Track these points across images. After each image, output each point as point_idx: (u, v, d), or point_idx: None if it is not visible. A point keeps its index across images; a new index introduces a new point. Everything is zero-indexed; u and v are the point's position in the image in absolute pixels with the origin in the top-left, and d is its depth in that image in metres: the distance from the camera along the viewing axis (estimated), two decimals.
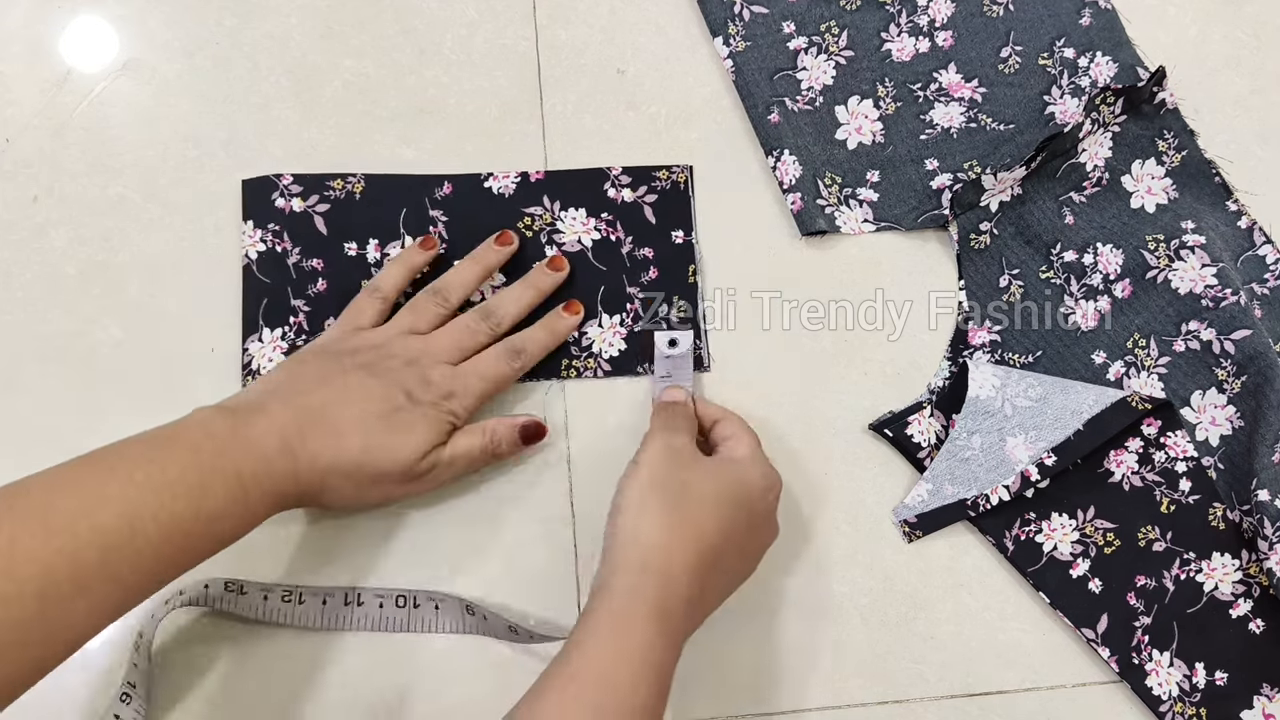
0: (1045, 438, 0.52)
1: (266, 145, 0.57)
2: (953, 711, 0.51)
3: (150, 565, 0.39)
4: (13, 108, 0.57)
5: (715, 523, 0.44)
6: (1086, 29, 0.60)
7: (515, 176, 0.57)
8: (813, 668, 0.51)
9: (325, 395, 0.46)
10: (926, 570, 0.53)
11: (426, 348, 0.50)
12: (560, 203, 0.56)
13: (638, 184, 0.57)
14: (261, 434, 0.43)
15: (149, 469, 0.40)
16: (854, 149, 0.59)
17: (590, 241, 0.56)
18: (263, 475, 0.42)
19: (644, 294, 0.55)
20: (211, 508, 0.41)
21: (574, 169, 0.57)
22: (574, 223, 0.56)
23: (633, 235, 0.56)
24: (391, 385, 0.47)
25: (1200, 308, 0.55)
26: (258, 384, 0.47)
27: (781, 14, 0.60)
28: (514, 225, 0.56)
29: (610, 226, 0.56)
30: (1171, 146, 0.59)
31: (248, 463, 0.42)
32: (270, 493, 0.43)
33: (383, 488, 0.47)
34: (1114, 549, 0.53)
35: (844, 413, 0.55)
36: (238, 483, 0.42)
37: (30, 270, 0.55)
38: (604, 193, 0.57)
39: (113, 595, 0.38)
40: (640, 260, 0.56)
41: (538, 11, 0.60)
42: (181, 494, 0.40)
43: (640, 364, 0.55)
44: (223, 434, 0.42)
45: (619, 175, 0.57)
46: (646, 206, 0.57)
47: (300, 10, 0.59)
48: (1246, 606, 0.52)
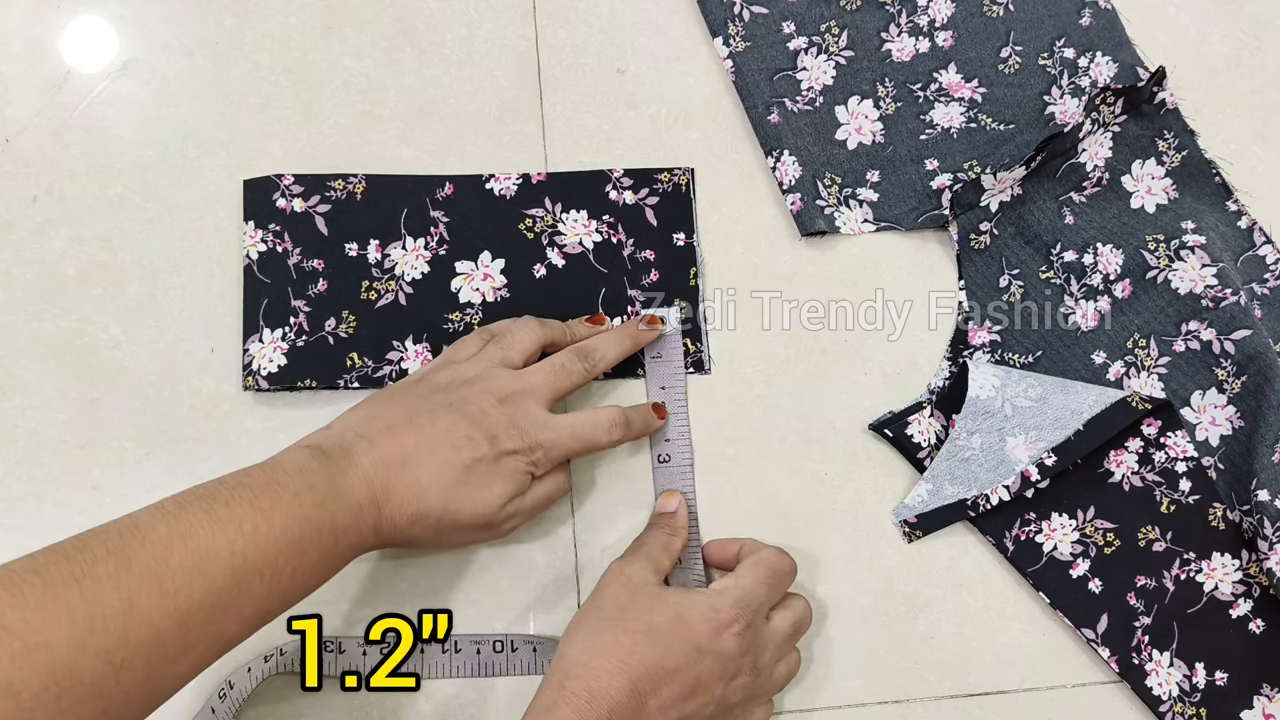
0: (1045, 438, 0.52)
1: (266, 145, 0.57)
2: (953, 711, 0.51)
3: (251, 620, 0.39)
4: (13, 108, 0.57)
5: (651, 650, 0.42)
6: (1086, 29, 0.60)
7: (517, 178, 0.57)
8: (813, 668, 0.51)
9: (411, 440, 0.44)
10: (926, 570, 0.53)
11: (521, 385, 0.48)
12: (561, 205, 0.56)
13: (639, 186, 0.57)
14: (353, 486, 0.42)
15: (256, 520, 0.39)
16: (854, 149, 0.59)
17: (591, 244, 0.56)
18: (352, 529, 0.42)
19: (645, 295, 0.55)
20: (308, 563, 0.40)
21: (576, 171, 0.57)
22: (575, 225, 0.56)
23: (634, 238, 0.56)
24: (478, 429, 0.45)
25: (1200, 308, 0.55)
26: (346, 419, 0.46)
27: (781, 14, 0.60)
28: (515, 227, 0.56)
29: (611, 229, 0.56)
30: (1171, 146, 0.59)
31: (341, 515, 0.42)
32: (354, 545, 0.43)
33: (461, 535, 0.47)
34: (1114, 549, 0.53)
35: (844, 413, 0.55)
36: (331, 536, 0.41)
37: (30, 270, 0.55)
38: (605, 195, 0.57)
39: (214, 650, 0.38)
40: (641, 262, 0.56)
41: (538, 11, 0.60)
42: (284, 549, 0.39)
43: (641, 365, 0.55)
44: (321, 485, 0.41)
45: (620, 178, 0.57)
46: (648, 209, 0.57)
47: (300, 10, 0.59)
48: (1246, 606, 0.52)
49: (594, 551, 0.52)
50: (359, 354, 0.53)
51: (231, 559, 0.38)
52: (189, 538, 0.37)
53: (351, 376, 0.53)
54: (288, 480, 0.41)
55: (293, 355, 0.53)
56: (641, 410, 0.51)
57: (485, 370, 0.48)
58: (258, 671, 0.47)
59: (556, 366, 0.49)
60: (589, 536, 0.53)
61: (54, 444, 0.52)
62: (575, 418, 0.48)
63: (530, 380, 0.48)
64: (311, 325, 0.54)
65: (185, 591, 0.36)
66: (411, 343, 0.54)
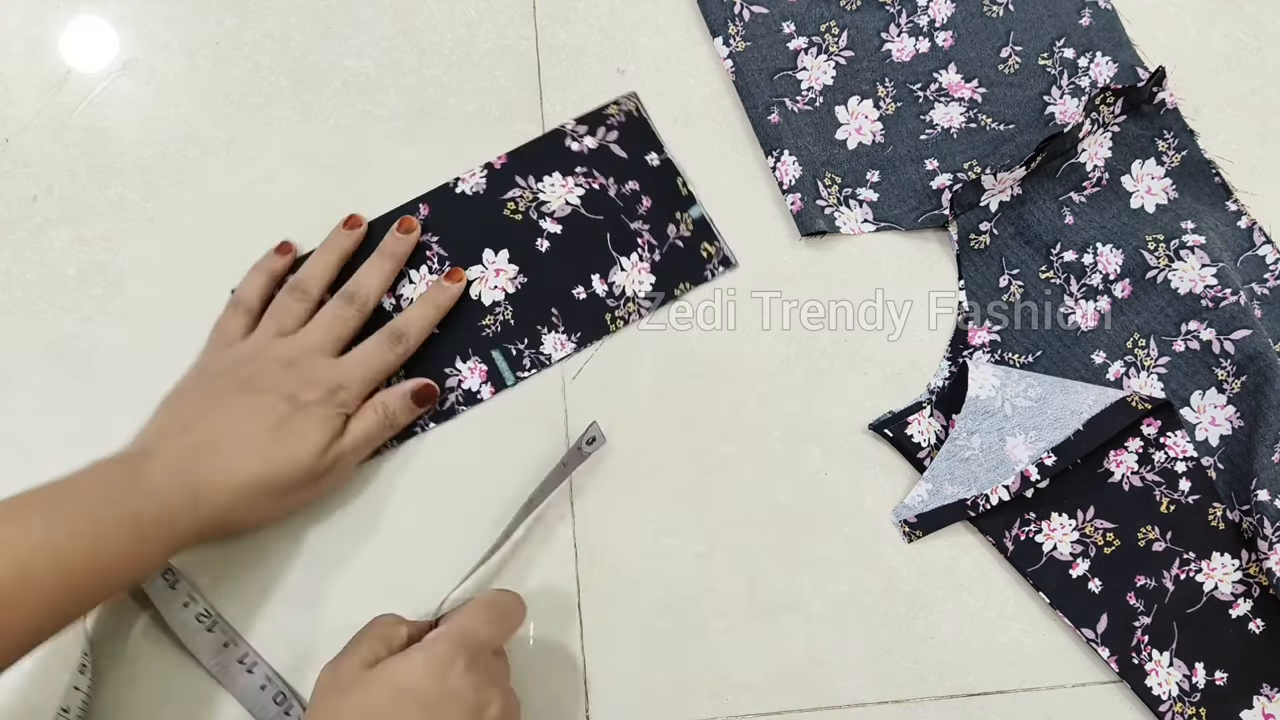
0: (1045, 438, 0.52)
1: (266, 145, 0.57)
2: (953, 711, 0.51)
3: (44, 613, 0.40)
4: (13, 108, 0.57)
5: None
6: (1086, 29, 0.60)
7: (481, 171, 0.57)
8: (813, 668, 0.52)
9: (211, 424, 0.46)
10: (926, 570, 0.53)
11: (300, 346, 0.50)
12: (534, 176, 0.57)
13: (595, 127, 0.57)
14: (157, 479, 0.43)
15: (46, 522, 0.40)
16: (854, 149, 0.59)
17: (577, 199, 0.56)
18: (162, 518, 0.43)
19: (647, 225, 0.56)
20: (107, 555, 0.41)
21: (532, 139, 0.57)
22: (554, 188, 0.56)
23: (612, 176, 0.57)
24: (273, 395, 0.47)
25: (1200, 308, 0.55)
26: (144, 430, 0.47)
27: (781, 14, 0.60)
28: (500, 215, 0.56)
29: (589, 177, 0.57)
30: (1171, 146, 0.59)
31: (146, 506, 0.42)
32: (169, 534, 0.43)
33: (294, 495, 0.47)
34: (1114, 549, 0.53)
35: (844, 413, 0.55)
36: (134, 528, 0.42)
37: (30, 270, 0.55)
38: (568, 149, 0.57)
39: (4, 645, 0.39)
40: (630, 194, 0.56)
41: (538, 11, 0.60)
42: (74, 540, 0.40)
43: (677, 285, 0.55)
44: (119, 481, 0.43)
45: (575, 128, 0.57)
46: (612, 146, 0.57)
47: (300, 10, 0.59)
48: (1246, 606, 0.52)
49: (594, 552, 0.53)
50: None
51: (16, 552, 0.39)
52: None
53: (426, 420, 0.53)
54: (82, 486, 0.42)
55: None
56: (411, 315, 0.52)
57: (262, 343, 0.50)
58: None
59: (328, 317, 0.51)
60: (589, 536, 0.53)
61: (54, 444, 0.52)
62: (358, 350, 0.51)
63: (307, 339, 0.50)
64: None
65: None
66: (462, 361, 0.54)
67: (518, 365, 0.54)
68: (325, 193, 0.57)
